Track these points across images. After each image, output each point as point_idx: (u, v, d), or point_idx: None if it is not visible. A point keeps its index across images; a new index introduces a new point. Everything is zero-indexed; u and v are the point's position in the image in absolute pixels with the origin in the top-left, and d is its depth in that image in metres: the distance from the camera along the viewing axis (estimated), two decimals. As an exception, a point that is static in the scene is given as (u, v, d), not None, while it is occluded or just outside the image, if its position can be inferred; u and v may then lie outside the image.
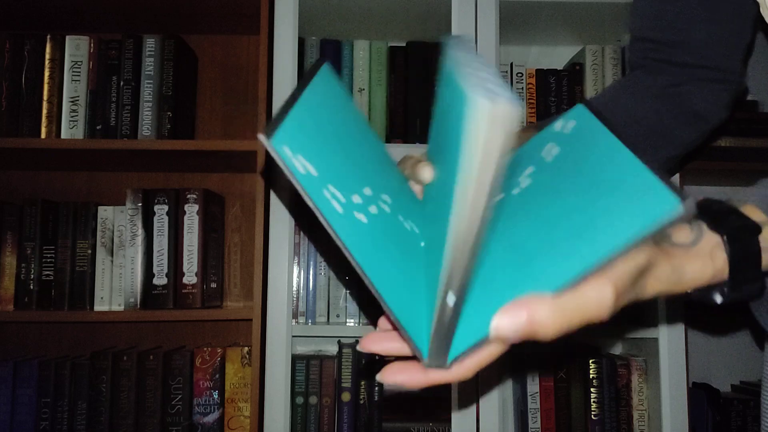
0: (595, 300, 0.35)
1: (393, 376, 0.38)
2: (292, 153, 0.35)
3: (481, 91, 0.28)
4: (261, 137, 0.33)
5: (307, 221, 1.30)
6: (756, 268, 0.41)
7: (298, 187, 0.34)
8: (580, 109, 0.48)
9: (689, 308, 1.26)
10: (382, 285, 0.37)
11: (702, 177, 1.41)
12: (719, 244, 0.41)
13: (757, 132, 1.37)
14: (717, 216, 0.42)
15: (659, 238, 0.41)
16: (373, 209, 0.42)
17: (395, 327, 0.37)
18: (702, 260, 0.40)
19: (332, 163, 0.39)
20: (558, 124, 0.49)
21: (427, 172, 0.50)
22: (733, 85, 0.68)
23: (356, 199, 0.40)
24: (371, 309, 1.28)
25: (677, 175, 1.25)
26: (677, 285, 0.40)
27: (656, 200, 0.33)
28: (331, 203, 0.36)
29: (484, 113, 0.27)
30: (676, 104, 0.66)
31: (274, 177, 1.22)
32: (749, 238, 0.41)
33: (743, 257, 0.40)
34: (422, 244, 0.46)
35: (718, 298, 0.42)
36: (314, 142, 0.39)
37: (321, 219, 0.35)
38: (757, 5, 0.60)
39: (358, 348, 0.40)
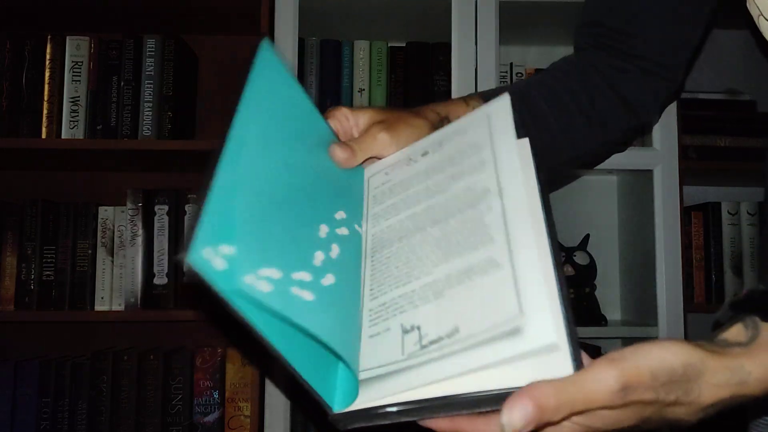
0: (595, 383, 0.34)
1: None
2: (213, 252, 0.33)
3: None
4: (186, 261, 0.31)
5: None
6: None
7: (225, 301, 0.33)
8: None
9: (687, 306, 1.26)
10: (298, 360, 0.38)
11: (701, 177, 1.41)
12: None
13: (755, 132, 1.37)
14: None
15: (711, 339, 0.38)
16: (333, 251, 0.43)
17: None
18: (766, 354, 0.38)
19: (265, 236, 0.38)
20: None
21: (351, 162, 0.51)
22: (672, 84, 0.68)
23: (302, 275, 0.39)
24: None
25: (677, 176, 1.25)
26: (743, 386, 0.37)
27: None
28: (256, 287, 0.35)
29: None
30: (615, 88, 0.66)
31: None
32: None
33: None
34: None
35: None
36: (241, 216, 0.37)
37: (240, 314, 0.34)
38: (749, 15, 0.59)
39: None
